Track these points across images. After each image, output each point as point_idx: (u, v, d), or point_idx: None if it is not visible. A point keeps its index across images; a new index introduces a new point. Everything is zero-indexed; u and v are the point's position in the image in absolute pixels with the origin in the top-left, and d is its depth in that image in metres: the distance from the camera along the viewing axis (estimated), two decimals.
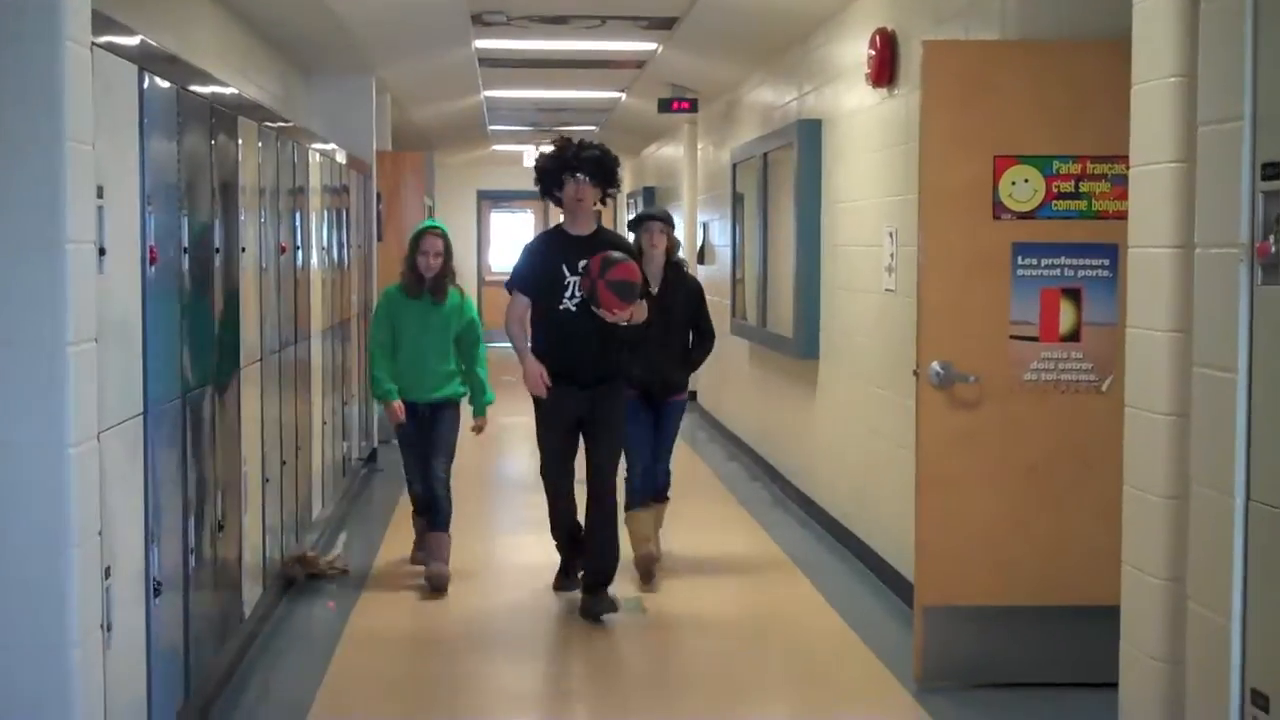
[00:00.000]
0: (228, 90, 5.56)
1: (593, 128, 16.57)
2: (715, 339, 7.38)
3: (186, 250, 4.63)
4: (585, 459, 6.50)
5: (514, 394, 6.57)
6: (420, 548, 7.19)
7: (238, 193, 5.47)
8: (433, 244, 6.95)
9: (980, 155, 5.24)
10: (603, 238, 6.52)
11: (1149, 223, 4.10)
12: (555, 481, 6.63)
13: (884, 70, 6.94)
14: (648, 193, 17.64)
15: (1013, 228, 5.26)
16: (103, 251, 3.75)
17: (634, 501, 7.14)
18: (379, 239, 11.16)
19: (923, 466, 5.34)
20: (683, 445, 7.48)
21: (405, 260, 7.05)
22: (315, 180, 7.69)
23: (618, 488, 6.66)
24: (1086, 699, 5.12)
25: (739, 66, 10.83)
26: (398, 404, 6.96)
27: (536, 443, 6.61)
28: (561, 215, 6.61)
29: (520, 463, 9.71)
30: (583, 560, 6.58)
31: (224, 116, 5.28)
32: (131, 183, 4.11)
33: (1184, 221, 3.87)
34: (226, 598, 5.29)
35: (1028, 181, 5.25)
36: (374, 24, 8.91)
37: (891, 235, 6.88)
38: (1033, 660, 5.34)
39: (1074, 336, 5.28)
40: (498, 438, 6.34)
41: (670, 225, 7.30)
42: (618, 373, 6.50)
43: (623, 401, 6.58)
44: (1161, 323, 4.02)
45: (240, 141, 5.55)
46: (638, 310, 6.35)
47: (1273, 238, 3.27)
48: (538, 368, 6.38)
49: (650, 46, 10.71)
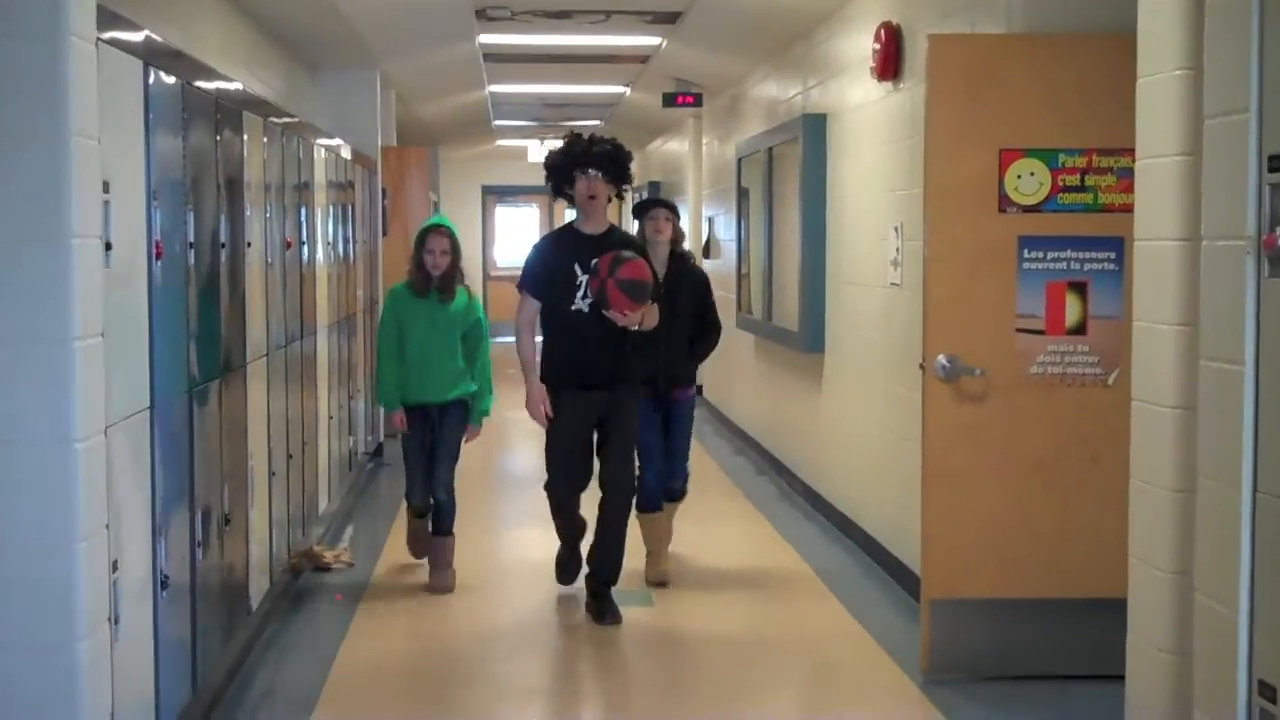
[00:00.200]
0: (233, 85, 5.56)
1: (597, 122, 16.56)
2: (721, 331, 7.13)
3: (192, 245, 4.64)
4: (599, 465, 6.30)
5: (519, 386, 6.36)
6: (416, 544, 7.11)
7: (243, 188, 5.47)
8: (439, 242, 6.77)
9: (986, 149, 5.23)
10: (616, 237, 6.30)
11: (1155, 216, 4.10)
12: (562, 500, 6.39)
13: (889, 64, 6.94)
14: (653, 187, 17.63)
15: (1019, 221, 5.26)
16: (109, 246, 3.75)
17: (648, 504, 6.95)
18: (384, 234, 11.17)
19: (929, 459, 5.33)
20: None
21: (412, 259, 6.87)
22: (320, 175, 7.70)
23: (635, 484, 6.49)
24: (1093, 691, 5.12)
25: (744, 61, 10.82)
26: (399, 414, 6.85)
27: (545, 453, 6.37)
28: (568, 211, 6.46)
29: (523, 458, 9.65)
30: (588, 559, 6.39)
31: (229, 112, 5.28)
32: (137, 178, 4.11)
33: (1190, 214, 3.87)
34: (233, 592, 5.29)
35: (1033, 175, 5.24)
36: (379, 19, 8.91)
37: (897, 229, 6.88)
38: (1039, 653, 5.34)
39: (1080, 330, 5.27)
40: (500, 433, 6.25)
41: (675, 214, 7.08)
42: (632, 376, 6.27)
43: (636, 407, 6.37)
44: (1168, 316, 4.02)
45: (245, 137, 5.55)
46: (649, 314, 6.12)
47: (1279, 230, 3.26)
48: (540, 393, 6.20)
49: (654, 41, 10.70)
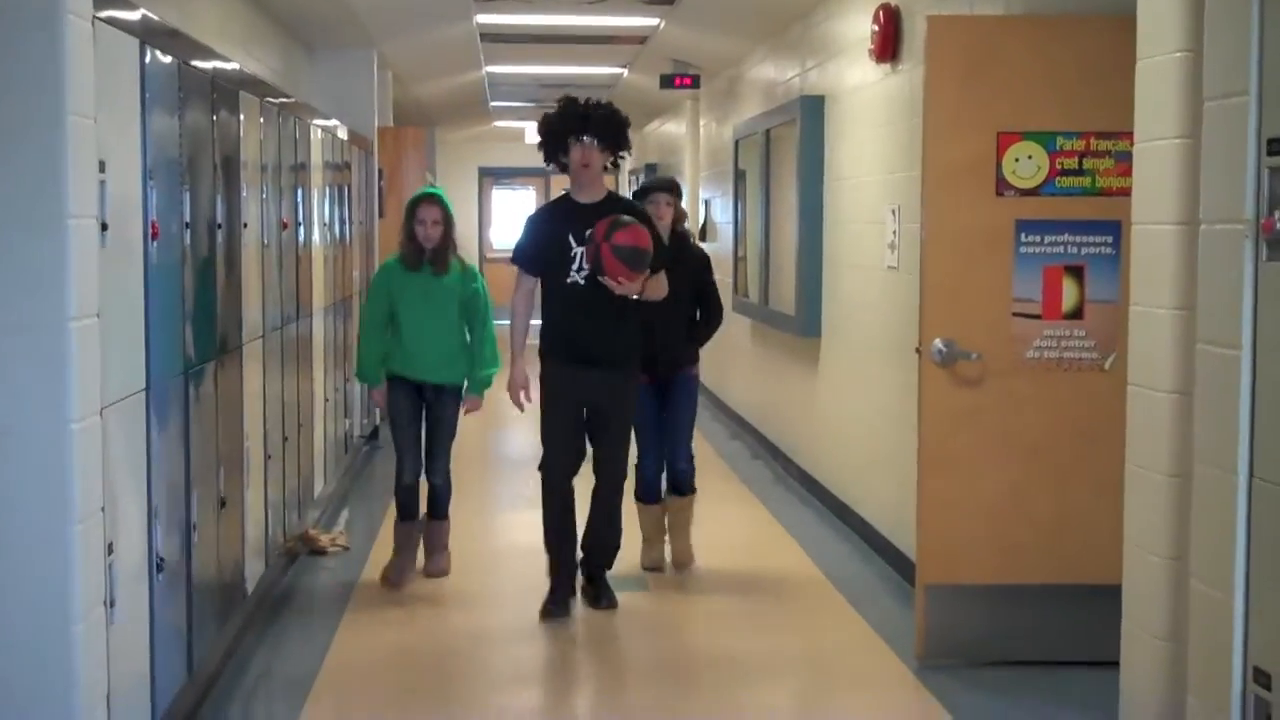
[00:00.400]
0: (229, 65, 5.54)
1: (600, 100, 16.53)
2: (723, 312, 6.93)
3: (188, 226, 4.62)
4: (591, 450, 6.13)
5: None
6: (394, 565, 6.57)
7: (239, 168, 5.45)
8: (430, 212, 6.45)
9: (984, 131, 5.22)
10: (613, 205, 6.00)
11: (1153, 199, 4.09)
12: (555, 480, 6.06)
13: (887, 46, 6.92)
14: (650, 169, 17.62)
15: (1016, 205, 5.25)
16: (105, 227, 3.74)
17: (644, 493, 6.83)
18: (381, 215, 11.15)
19: (925, 444, 5.33)
20: None
21: (402, 230, 6.57)
22: (317, 156, 7.68)
23: (629, 480, 6.32)
24: (1089, 677, 5.12)
25: (741, 42, 10.79)
26: (380, 391, 6.63)
27: (541, 435, 6.08)
28: (567, 185, 6.14)
29: (520, 437, 9.62)
30: (583, 543, 6.19)
31: (226, 92, 5.26)
32: (133, 158, 4.10)
33: (1188, 198, 3.86)
34: (229, 575, 5.29)
35: (1031, 158, 5.23)
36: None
37: (894, 212, 6.86)
38: (1035, 639, 5.34)
39: (1077, 314, 5.27)
40: (497, 413, 6.18)
41: (677, 195, 6.86)
42: (631, 356, 6.04)
43: (636, 390, 6.17)
44: (1165, 300, 4.02)
45: (242, 117, 5.53)
46: (652, 285, 5.88)
47: (1278, 214, 3.26)
48: (523, 379, 6.05)
49: (652, 22, 10.68)
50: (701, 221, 13.51)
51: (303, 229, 7.12)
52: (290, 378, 6.71)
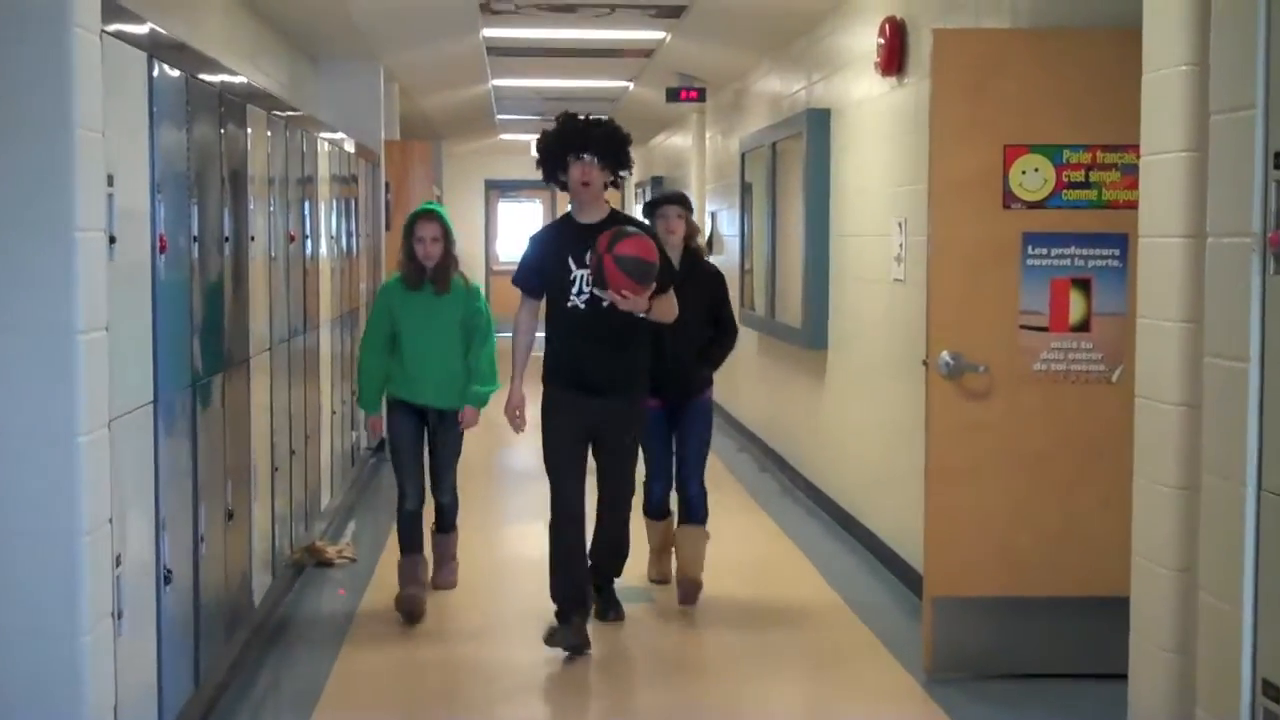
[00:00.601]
0: (237, 79, 5.56)
1: (606, 116, 16.57)
2: (737, 333, 6.67)
3: (196, 239, 4.63)
4: (596, 485, 5.89)
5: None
6: (404, 594, 6.21)
7: (247, 181, 5.46)
8: (429, 228, 6.22)
9: (990, 144, 5.22)
10: (615, 224, 5.68)
11: (1160, 212, 4.09)
12: (563, 509, 5.74)
13: (893, 59, 6.93)
14: (656, 182, 17.64)
15: (1023, 217, 5.25)
16: (113, 240, 3.75)
17: (651, 510, 6.72)
18: (387, 228, 11.15)
19: (932, 457, 5.33)
20: None
21: (402, 250, 6.33)
22: (324, 169, 7.69)
23: (634, 488, 6.08)
24: (1096, 690, 5.11)
25: (747, 55, 10.81)
26: (378, 419, 6.47)
27: (544, 462, 5.79)
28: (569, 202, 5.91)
29: (525, 449, 9.59)
30: (591, 553, 5.95)
31: (233, 105, 5.27)
32: (141, 171, 4.11)
33: (1195, 211, 3.87)
34: (236, 587, 5.29)
35: (1038, 171, 5.24)
36: (383, 12, 8.90)
37: (901, 225, 6.87)
38: (1042, 652, 5.33)
39: (1084, 327, 5.27)
40: (503, 423, 6.08)
41: (688, 208, 6.62)
42: (635, 384, 5.78)
43: (642, 416, 5.89)
44: (1172, 313, 4.01)
45: (249, 130, 5.54)
46: (660, 305, 5.58)
47: None
48: (519, 401, 5.83)
49: (658, 35, 10.69)
50: (708, 234, 13.51)
51: (310, 242, 7.13)
52: (297, 390, 6.72)
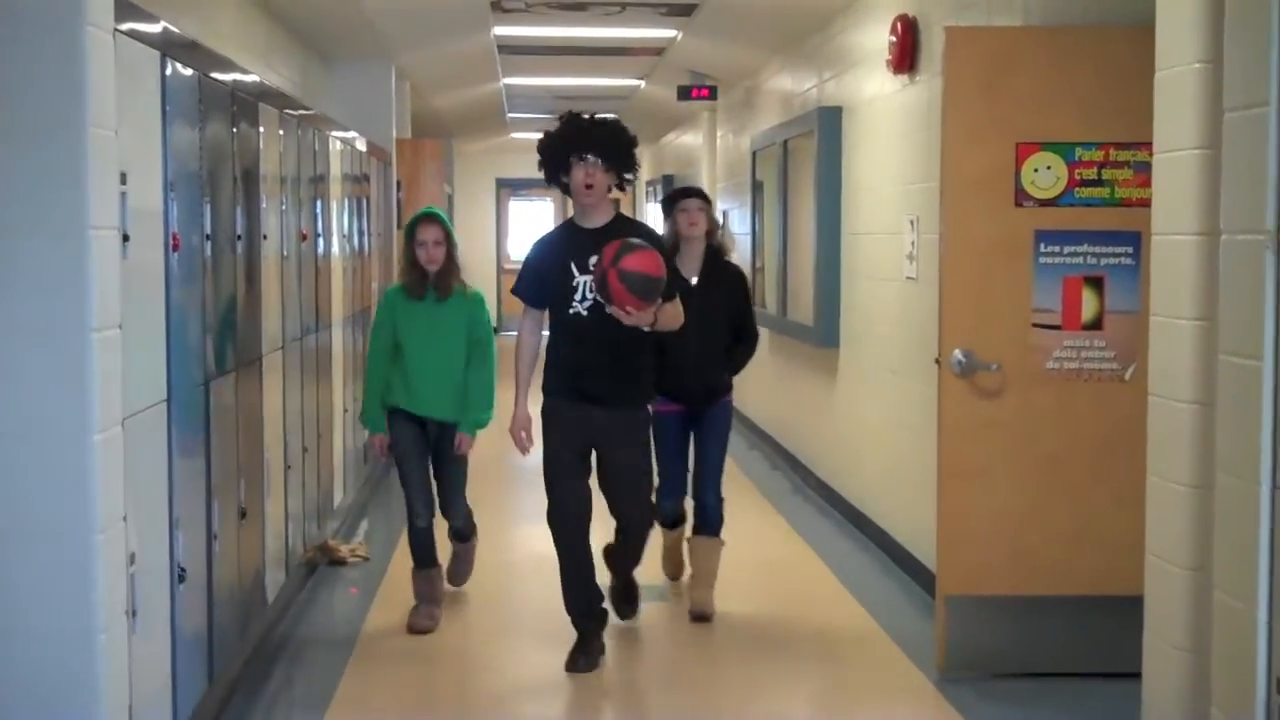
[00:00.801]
0: (249, 77, 5.57)
1: (612, 115, 16.59)
2: (758, 337, 6.42)
3: (209, 237, 4.64)
4: (606, 500, 5.63)
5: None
6: (419, 612, 6.08)
7: (259, 180, 5.47)
8: (430, 232, 5.99)
9: (1002, 142, 5.22)
10: (621, 228, 5.49)
11: (1173, 210, 4.08)
12: (567, 527, 5.53)
13: (905, 57, 6.92)
14: (667, 180, 17.63)
15: (1035, 215, 5.24)
16: (126, 238, 3.76)
17: (665, 521, 6.53)
18: (399, 227, 11.17)
19: (944, 455, 5.32)
20: None
21: (403, 256, 6.15)
22: (336, 168, 7.70)
23: (653, 513, 5.97)
24: (1109, 689, 5.11)
25: (759, 53, 10.80)
26: (381, 438, 6.16)
27: (544, 477, 5.58)
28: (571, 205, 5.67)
29: (535, 449, 9.62)
30: (606, 563, 5.94)
31: (245, 104, 5.28)
32: (154, 169, 4.12)
33: (1208, 208, 3.86)
34: (249, 585, 5.30)
35: (1050, 169, 5.23)
36: (394, 11, 8.91)
37: (912, 223, 6.86)
38: (1056, 650, 5.32)
39: (1096, 325, 5.26)
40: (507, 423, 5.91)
41: (708, 202, 6.33)
42: (640, 395, 5.56)
43: (647, 433, 5.63)
44: (1186, 310, 4.01)
45: (262, 129, 5.55)
46: (665, 314, 5.37)
47: None
48: (525, 421, 5.57)
49: (670, 33, 10.69)
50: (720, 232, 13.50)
51: (322, 240, 7.14)
52: (310, 388, 6.73)
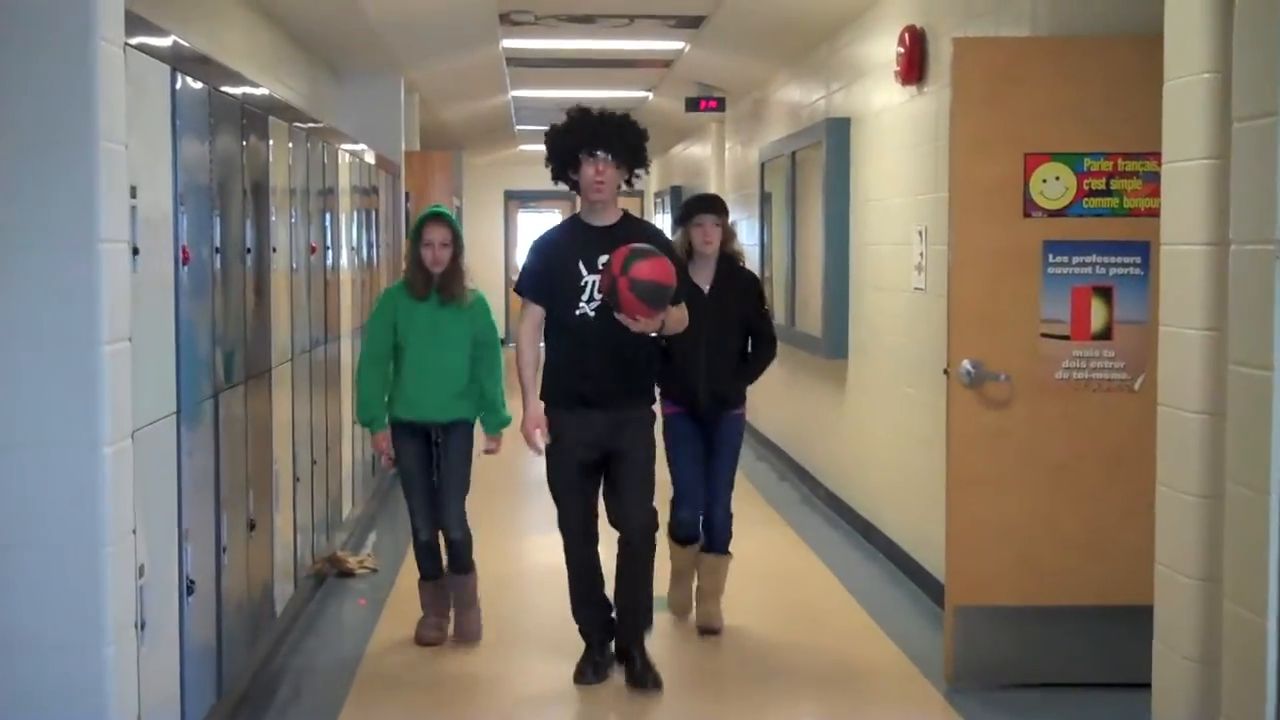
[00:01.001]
0: (258, 91, 5.59)
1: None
2: (775, 346, 6.22)
3: (218, 250, 4.66)
4: (607, 507, 5.51)
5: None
6: (426, 623, 6.03)
7: (269, 193, 5.49)
8: (438, 232, 5.84)
9: (1011, 153, 5.22)
10: (629, 228, 5.40)
11: (1182, 220, 4.08)
12: (575, 537, 5.48)
13: (913, 68, 6.93)
14: (675, 192, 17.63)
15: (1044, 225, 5.24)
16: (136, 251, 3.77)
17: (680, 533, 6.22)
18: (407, 239, 11.18)
19: (953, 466, 5.32)
20: None
21: (408, 256, 5.97)
22: (345, 180, 7.72)
23: (657, 519, 5.58)
24: (1119, 700, 5.10)
25: (767, 65, 10.82)
26: (384, 435, 5.94)
27: (548, 484, 5.52)
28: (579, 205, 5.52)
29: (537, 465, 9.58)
30: (615, 602, 5.57)
31: (255, 117, 5.30)
32: (164, 182, 4.14)
33: (1218, 218, 3.85)
34: (258, 597, 5.31)
35: (1059, 179, 5.23)
36: (403, 24, 8.93)
37: (921, 234, 6.86)
38: (1065, 661, 5.31)
39: (1105, 335, 5.26)
40: (516, 437, 5.90)
41: (724, 214, 6.20)
42: (646, 397, 5.45)
43: (652, 433, 5.45)
44: (1195, 321, 4.00)
45: (271, 142, 5.57)
46: (670, 318, 5.27)
47: None
48: (538, 417, 5.34)
49: (678, 45, 10.71)
50: None
51: (331, 253, 7.16)
52: (319, 401, 6.74)
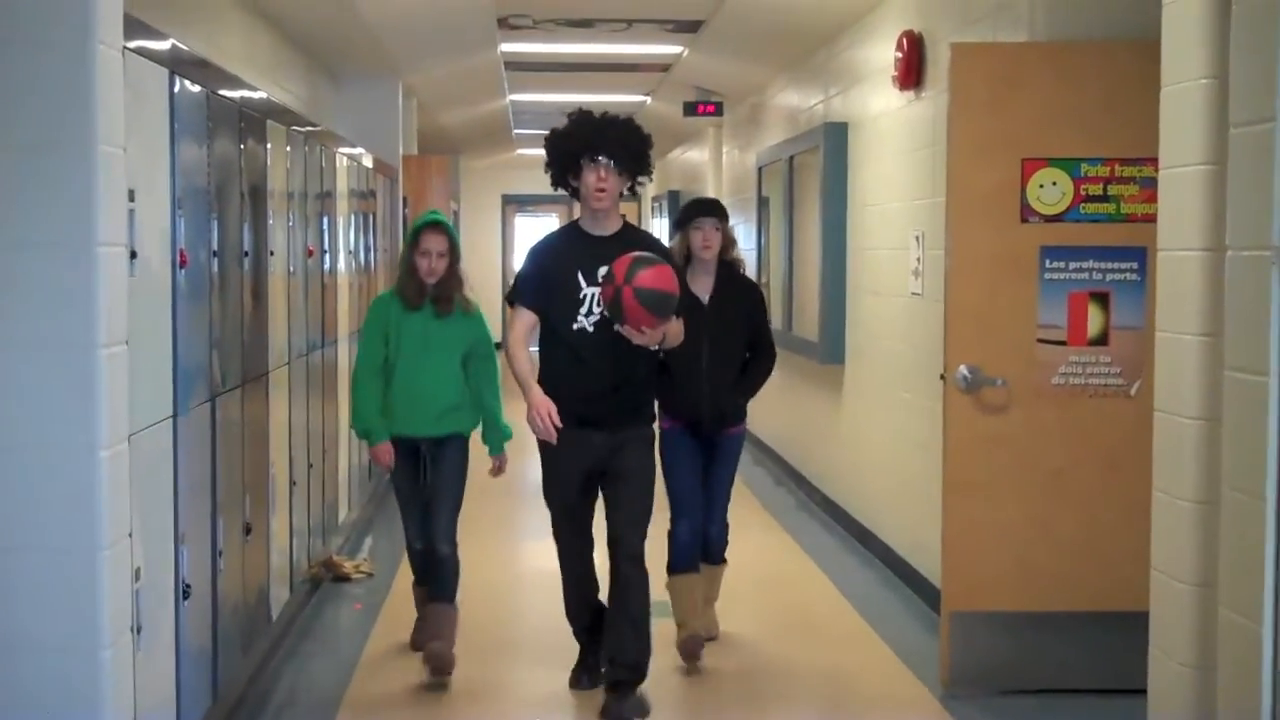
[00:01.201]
0: (257, 94, 5.59)
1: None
2: (774, 359, 5.95)
3: (216, 254, 4.66)
4: (606, 522, 5.27)
5: (518, 395, 5.32)
6: (421, 629, 5.87)
7: (266, 196, 5.49)
8: (435, 241, 5.59)
9: (1008, 158, 5.23)
10: (631, 238, 5.19)
11: (1179, 225, 4.08)
12: (569, 549, 5.34)
13: (911, 73, 6.93)
14: (672, 196, 17.63)
15: (1041, 231, 5.25)
16: (134, 254, 3.77)
17: (681, 562, 5.83)
18: (404, 243, 11.18)
19: (949, 471, 5.32)
20: None
21: (402, 263, 5.75)
22: (342, 184, 7.72)
23: (655, 543, 5.43)
24: (1115, 706, 5.10)
25: (765, 69, 10.82)
26: (385, 446, 5.66)
27: (544, 497, 5.34)
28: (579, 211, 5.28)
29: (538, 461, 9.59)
30: (604, 647, 5.30)
31: (253, 120, 5.30)
32: (162, 186, 4.14)
33: (1214, 224, 3.86)
34: (254, 601, 5.30)
35: (1056, 184, 5.24)
36: (401, 28, 8.94)
37: (918, 239, 6.87)
38: (1061, 667, 5.32)
39: (1102, 340, 5.26)
40: (516, 438, 5.86)
41: (725, 219, 5.90)
42: (645, 412, 5.26)
43: (651, 449, 5.26)
44: (1191, 326, 4.00)
45: (269, 145, 5.57)
46: (672, 330, 5.03)
47: None
48: (546, 403, 4.96)
49: (676, 50, 10.72)
50: None
51: (328, 256, 7.16)
52: (315, 404, 6.74)
